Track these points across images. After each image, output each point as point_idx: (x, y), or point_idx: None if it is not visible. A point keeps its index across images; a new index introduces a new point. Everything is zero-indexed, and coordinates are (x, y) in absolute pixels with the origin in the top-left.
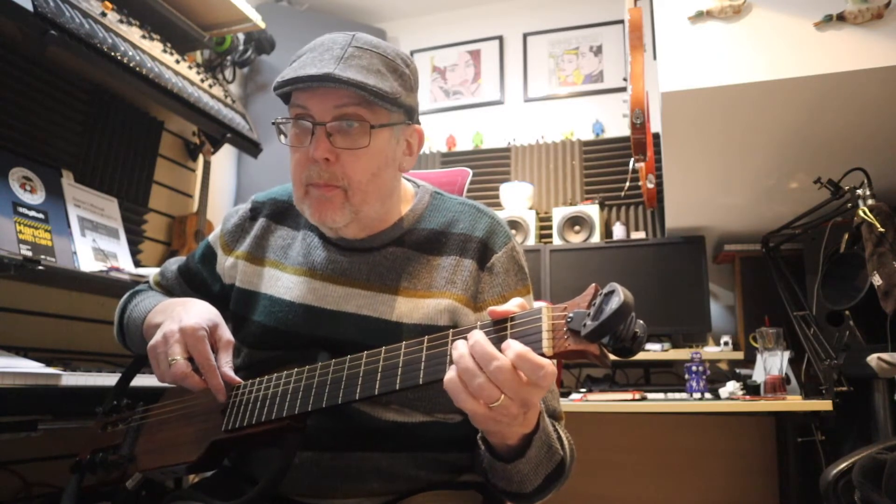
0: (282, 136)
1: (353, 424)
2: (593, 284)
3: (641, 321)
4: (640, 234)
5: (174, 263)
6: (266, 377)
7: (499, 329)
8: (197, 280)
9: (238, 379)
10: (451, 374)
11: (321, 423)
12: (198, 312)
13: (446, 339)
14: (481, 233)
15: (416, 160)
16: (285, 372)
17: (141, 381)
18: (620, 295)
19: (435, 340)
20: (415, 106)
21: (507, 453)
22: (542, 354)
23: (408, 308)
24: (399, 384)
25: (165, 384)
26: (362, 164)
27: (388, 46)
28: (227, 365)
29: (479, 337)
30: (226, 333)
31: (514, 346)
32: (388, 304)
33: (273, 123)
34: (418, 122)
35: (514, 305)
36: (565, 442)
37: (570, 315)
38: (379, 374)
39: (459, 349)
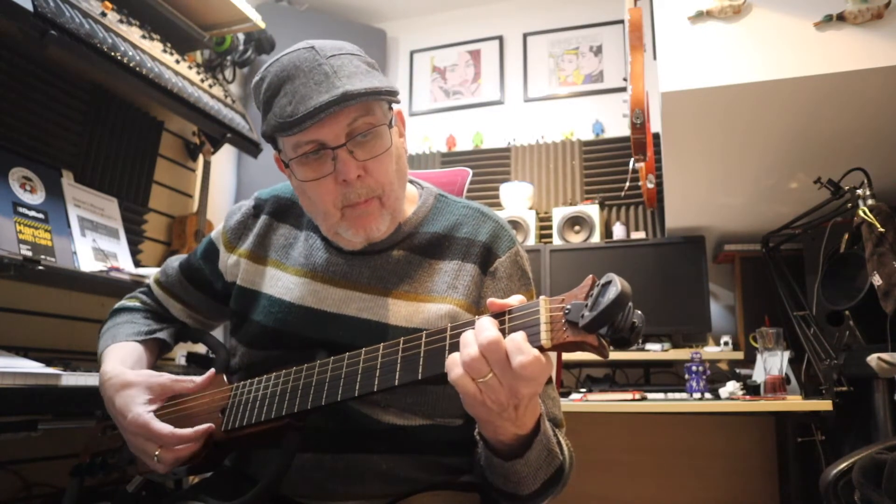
0: (293, 176)
1: (354, 427)
2: (590, 276)
3: (640, 312)
4: (640, 234)
5: (176, 261)
6: (265, 376)
7: (497, 321)
8: (199, 277)
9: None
10: (454, 354)
11: (322, 425)
12: (124, 399)
13: (444, 334)
14: (485, 237)
15: (405, 139)
16: (283, 371)
17: None
18: (618, 285)
19: (433, 336)
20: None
21: (503, 450)
22: (541, 346)
23: (408, 312)
24: (398, 380)
25: None
26: (385, 165)
27: (343, 43)
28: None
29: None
30: (160, 379)
31: (513, 334)
32: (389, 307)
33: (287, 167)
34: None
35: (513, 300)
36: (565, 449)
37: (568, 307)
38: (378, 371)
39: (467, 335)
